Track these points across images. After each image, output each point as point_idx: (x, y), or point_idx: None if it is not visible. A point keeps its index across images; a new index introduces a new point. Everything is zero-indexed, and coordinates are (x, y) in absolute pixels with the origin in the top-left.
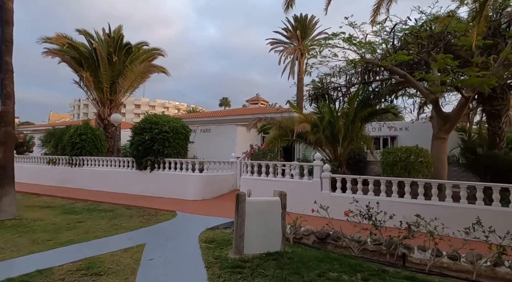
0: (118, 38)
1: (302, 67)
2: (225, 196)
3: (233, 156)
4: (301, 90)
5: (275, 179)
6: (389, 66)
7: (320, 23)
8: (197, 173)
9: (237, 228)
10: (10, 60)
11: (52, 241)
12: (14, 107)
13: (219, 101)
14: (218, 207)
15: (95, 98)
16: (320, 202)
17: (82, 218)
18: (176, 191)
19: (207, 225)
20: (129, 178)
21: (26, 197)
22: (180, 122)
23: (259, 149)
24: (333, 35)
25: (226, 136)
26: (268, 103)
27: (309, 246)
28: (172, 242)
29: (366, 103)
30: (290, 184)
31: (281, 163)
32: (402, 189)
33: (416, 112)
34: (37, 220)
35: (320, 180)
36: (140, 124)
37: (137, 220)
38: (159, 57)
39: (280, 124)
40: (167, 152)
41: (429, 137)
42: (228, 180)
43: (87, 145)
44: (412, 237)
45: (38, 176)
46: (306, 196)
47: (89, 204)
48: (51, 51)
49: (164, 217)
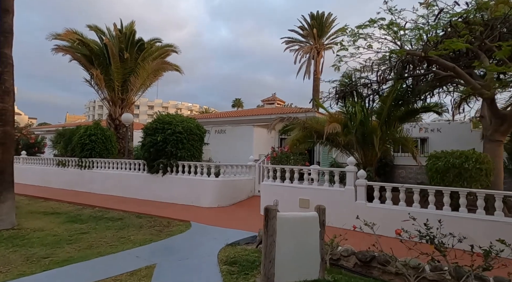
0: (130, 34)
1: (318, 66)
2: (243, 204)
3: (251, 159)
4: (317, 90)
5: (301, 186)
6: (434, 57)
7: (338, 21)
8: (212, 178)
9: (267, 250)
10: (10, 53)
11: (48, 259)
12: (14, 104)
13: (232, 102)
14: (237, 216)
15: (106, 97)
16: (353, 213)
17: (87, 228)
18: (190, 197)
19: (227, 240)
20: (140, 182)
21: (33, 201)
22: (194, 122)
23: (282, 152)
24: (371, 22)
25: (242, 138)
26: (285, 103)
27: (350, 270)
28: (187, 263)
29: (402, 100)
30: (319, 193)
31: (307, 168)
32: (455, 200)
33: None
34: (37, 230)
35: (354, 188)
36: (152, 124)
37: (147, 232)
38: (172, 54)
39: (304, 124)
40: (181, 154)
41: (466, 139)
42: (246, 186)
43: (97, 146)
44: (490, 268)
45: (48, 179)
46: (338, 207)
47: (97, 211)
48: (61, 48)
49: (177, 228)
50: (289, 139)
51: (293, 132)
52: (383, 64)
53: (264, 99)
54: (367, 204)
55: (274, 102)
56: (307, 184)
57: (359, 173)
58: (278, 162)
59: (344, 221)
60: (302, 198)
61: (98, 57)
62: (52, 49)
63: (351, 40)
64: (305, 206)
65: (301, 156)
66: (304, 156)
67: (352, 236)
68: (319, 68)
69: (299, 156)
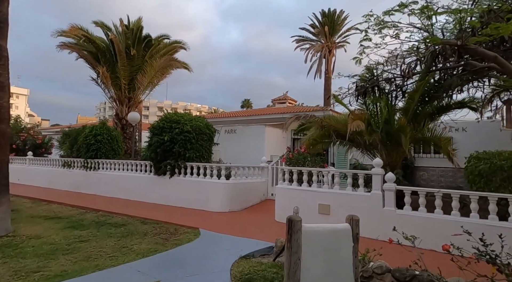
0: (137, 30)
1: (330, 65)
2: (256, 208)
3: (264, 160)
4: (328, 90)
5: (320, 190)
6: (472, 46)
7: (350, 18)
8: (223, 180)
9: (290, 270)
10: (5, 45)
11: (39, 273)
12: (10, 100)
13: (241, 103)
14: (250, 222)
15: (112, 96)
16: (381, 221)
17: (88, 235)
18: (199, 201)
19: (240, 252)
20: (146, 185)
21: (36, 204)
22: (203, 121)
23: (298, 153)
24: (401, 7)
25: (253, 138)
26: (296, 102)
27: None
28: (196, 280)
29: (428, 96)
30: (340, 198)
31: (327, 170)
32: (503, 208)
33: (481, 108)
34: (33, 237)
35: (381, 193)
36: (159, 123)
37: (152, 241)
38: (181, 53)
39: (321, 122)
40: (189, 155)
41: (495, 139)
42: (258, 188)
43: (103, 146)
44: None
45: (53, 180)
46: (362, 213)
47: (100, 215)
48: (66, 45)
49: (185, 236)
50: (305, 139)
51: (309, 131)
52: (409, 56)
53: (275, 98)
54: (397, 211)
55: (285, 101)
56: (327, 188)
57: (387, 176)
58: (295, 163)
59: (370, 229)
60: (321, 204)
61: (104, 54)
62: (57, 46)
63: (376, 29)
64: (325, 212)
65: (319, 157)
66: (323, 157)
67: (380, 246)
68: (331, 67)
69: (317, 157)
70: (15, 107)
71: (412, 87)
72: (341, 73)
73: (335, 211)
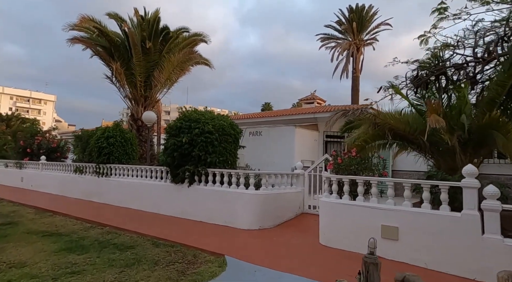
0: (154, 21)
1: (358, 64)
2: (291, 225)
3: (299, 166)
4: (356, 90)
5: (383, 207)
6: None
7: (379, 13)
8: (252, 190)
9: None
10: None
11: None
12: None
13: (262, 107)
14: (288, 246)
15: (127, 95)
16: (478, 254)
17: (84, 262)
18: (223, 215)
19: None
20: (161, 194)
21: (39, 215)
22: (228, 120)
23: (349, 157)
24: None
25: (281, 140)
26: (325, 102)
27: None
28: None
29: None
30: (414, 218)
31: (392, 180)
32: None
33: None
34: (15, 265)
35: (478, 213)
36: (176, 122)
37: (163, 274)
38: (202, 47)
39: (375, 119)
40: (211, 159)
41: None
42: (293, 200)
43: (116, 150)
44: None
45: (65, 187)
46: (449, 242)
47: (106, 232)
48: (78, 39)
49: (206, 267)
50: (350, 140)
51: (358, 130)
52: (489, 34)
53: (302, 98)
54: (505, 241)
55: (313, 101)
56: (393, 204)
57: (486, 190)
58: (344, 170)
59: (460, 265)
60: (386, 225)
61: (118, 49)
62: (68, 40)
63: None
64: (391, 237)
65: (382, 161)
66: (385, 161)
67: None
68: (359, 66)
69: (375, 165)
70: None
71: (488, 75)
72: (397, 58)
73: (406, 236)
